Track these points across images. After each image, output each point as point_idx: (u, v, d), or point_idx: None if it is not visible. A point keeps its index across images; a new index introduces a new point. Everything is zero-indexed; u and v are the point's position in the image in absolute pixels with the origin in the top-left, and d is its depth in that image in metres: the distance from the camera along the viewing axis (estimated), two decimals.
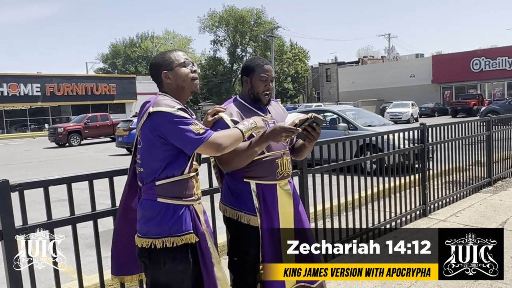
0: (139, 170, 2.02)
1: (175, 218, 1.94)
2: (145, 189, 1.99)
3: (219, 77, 49.91)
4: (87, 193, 2.46)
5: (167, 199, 1.95)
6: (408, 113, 30.92)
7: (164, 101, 1.92)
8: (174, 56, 2.05)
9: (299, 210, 2.48)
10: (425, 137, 5.23)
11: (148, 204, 1.97)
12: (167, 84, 2.04)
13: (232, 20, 49.60)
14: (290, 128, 2.12)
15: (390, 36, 55.60)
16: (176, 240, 1.93)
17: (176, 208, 1.96)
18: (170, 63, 2.04)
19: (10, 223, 2.13)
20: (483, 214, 5.18)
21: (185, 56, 2.08)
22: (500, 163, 6.93)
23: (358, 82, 46.90)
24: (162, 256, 1.94)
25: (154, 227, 1.94)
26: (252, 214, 2.31)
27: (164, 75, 2.03)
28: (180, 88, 2.04)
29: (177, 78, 2.03)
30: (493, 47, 42.12)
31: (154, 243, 1.93)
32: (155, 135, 1.91)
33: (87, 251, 3.71)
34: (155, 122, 1.90)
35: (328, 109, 11.36)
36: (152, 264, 1.97)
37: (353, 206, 4.46)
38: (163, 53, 2.10)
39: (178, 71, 2.03)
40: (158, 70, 2.04)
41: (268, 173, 2.34)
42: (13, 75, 35.80)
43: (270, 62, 28.44)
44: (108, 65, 62.34)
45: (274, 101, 2.55)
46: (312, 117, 2.15)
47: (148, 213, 1.96)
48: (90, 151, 19.44)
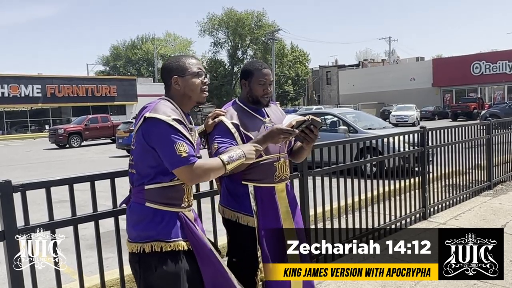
0: (131, 171, 2.01)
1: (163, 224, 1.92)
2: (134, 192, 1.97)
3: (219, 79, 49.97)
4: (88, 194, 2.47)
5: (156, 204, 1.92)
6: (414, 116, 30.93)
7: (163, 108, 1.90)
8: (188, 64, 2.03)
9: (296, 212, 2.49)
10: (425, 140, 5.23)
11: (136, 207, 1.95)
12: (174, 90, 2.01)
13: (232, 22, 49.68)
14: (287, 130, 2.13)
15: (391, 39, 55.65)
16: (164, 245, 1.90)
17: (164, 214, 1.93)
18: (183, 69, 2.01)
19: (12, 223, 2.14)
20: (483, 218, 5.18)
21: (199, 65, 2.05)
22: (500, 167, 6.94)
23: (358, 85, 46.96)
24: (153, 261, 1.91)
25: (142, 231, 1.92)
26: (250, 215, 2.33)
27: (174, 80, 2.00)
28: (187, 96, 2.01)
29: (186, 87, 2.00)
30: (493, 51, 42.16)
31: (143, 248, 1.91)
32: (146, 141, 1.89)
33: (87, 252, 3.72)
34: (148, 128, 1.88)
35: (329, 112, 11.37)
36: (143, 269, 1.93)
37: (353, 209, 4.46)
38: (178, 58, 2.07)
39: (190, 80, 2.00)
40: (170, 74, 2.02)
41: (266, 176, 2.36)
42: (14, 76, 35.85)
43: (270, 66, 28.39)
44: (109, 67, 62.42)
45: (273, 104, 2.56)
46: (310, 119, 2.16)
47: (136, 216, 1.94)
48: (90, 152, 19.44)
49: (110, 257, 3.66)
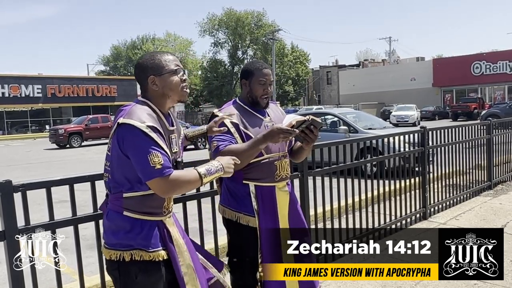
0: (106, 176, 1.90)
1: (142, 234, 1.84)
2: (112, 199, 1.87)
3: (220, 79, 49.96)
4: (88, 194, 2.47)
5: (134, 214, 1.83)
6: (415, 116, 30.84)
7: (138, 113, 1.78)
8: (165, 61, 1.89)
9: (296, 212, 2.48)
10: (426, 140, 5.24)
11: (114, 216, 1.86)
12: (152, 90, 1.88)
13: (232, 22, 49.67)
14: (287, 130, 2.11)
15: (391, 39, 55.66)
16: (144, 255, 1.83)
17: (144, 224, 1.85)
18: (159, 68, 1.88)
19: (13, 223, 2.14)
20: (483, 218, 5.18)
21: (176, 61, 1.92)
22: (500, 167, 6.94)
23: (359, 85, 46.95)
24: (133, 269, 1.84)
25: (121, 240, 1.84)
26: (251, 215, 2.34)
27: (151, 80, 1.87)
28: (166, 96, 1.89)
29: (165, 86, 1.87)
30: (493, 51, 42.16)
31: (123, 256, 1.83)
32: (121, 148, 1.78)
33: (87, 252, 3.71)
34: (122, 134, 1.76)
35: (329, 112, 11.37)
36: (123, 277, 1.86)
37: (353, 209, 4.46)
38: (152, 55, 1.92)
39: (168, 78, 1.87)
40: (145, 73, 1.88)
41: (266, 175, 2.36)
42: (14, 76, 35.90)
43: (270, 66, 28.31)
44: (110, 68, 62.44)
45: (273, 103, 2.56)
46: (310, 119, 2.15)
47: (114, 226, 1.86)
48: (90, 152, 19.44)
49: None
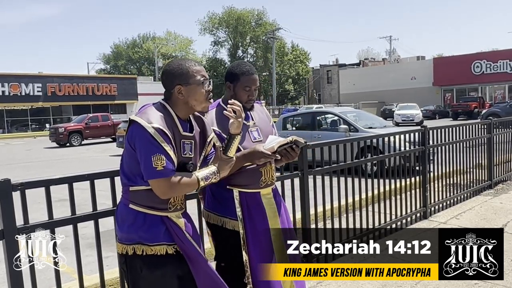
0: (120, 171, 1.99)
1: (145, 228, 1.89)
2: (123, 192, 1.96)
3: (220, 78, 49.96)
4: (87, 193, 2.47)
5: (139, 207, 1.90)
6: (420, 115, 30.25)
7: (149, 113, 1.85)
8: (192, 71, 1.92)
9: (282, 215, 2.46)
10: (426, 140, 5.23)
11: (121, 208, 1.95)
12: (177, 98, 1.93)
13: (232, 21, 49.65)
14: (268, 155, 2.16)
15: (392, 38, 55.63)
16: (145, 249, 1.89)
17: (147, 218, 1.90)
18: (187, 77, 1.91)
19: (12, 222, 2.14)
20: (484, 217, 5.18)
21: (202, 72, 1.95)
22: (501, 166, 6.93)
23: (359, 84, 46.92)
24: (137, 263, 1.90)
25: (125, 233, 1.91)
26: (236, 220, 2.30)
27: (178, 89, 1.91)
28: (189, 106, 1.94)
29: (190, 96, 1.91)
30: (494, 50, 42.12)
31: (127, 250, 1.91)
32: (130, 143, 1.86)
33: (87, 251, 3.71)
34: (131, 131, 1.86)
35: (329, 111, 11.36)
36: (130, 270, 1.93)
37: (354, 208, 4.46)
38: (180, 63, 1.96)
39: (194, 89, 1.91)
40: (172, 81, 1.93)
41: (251, 182, 2.32)
42: (15, 75, 35.82)
43: (270, 65, 28.02)
44: (110, 66, 62.44)
45: (258, 104, 2.48)
46: (293, 140, 2.19)
47: (120, 217, 1.95)
48: (90, 151, 19.44)
49: (110, 256, 3.65)
